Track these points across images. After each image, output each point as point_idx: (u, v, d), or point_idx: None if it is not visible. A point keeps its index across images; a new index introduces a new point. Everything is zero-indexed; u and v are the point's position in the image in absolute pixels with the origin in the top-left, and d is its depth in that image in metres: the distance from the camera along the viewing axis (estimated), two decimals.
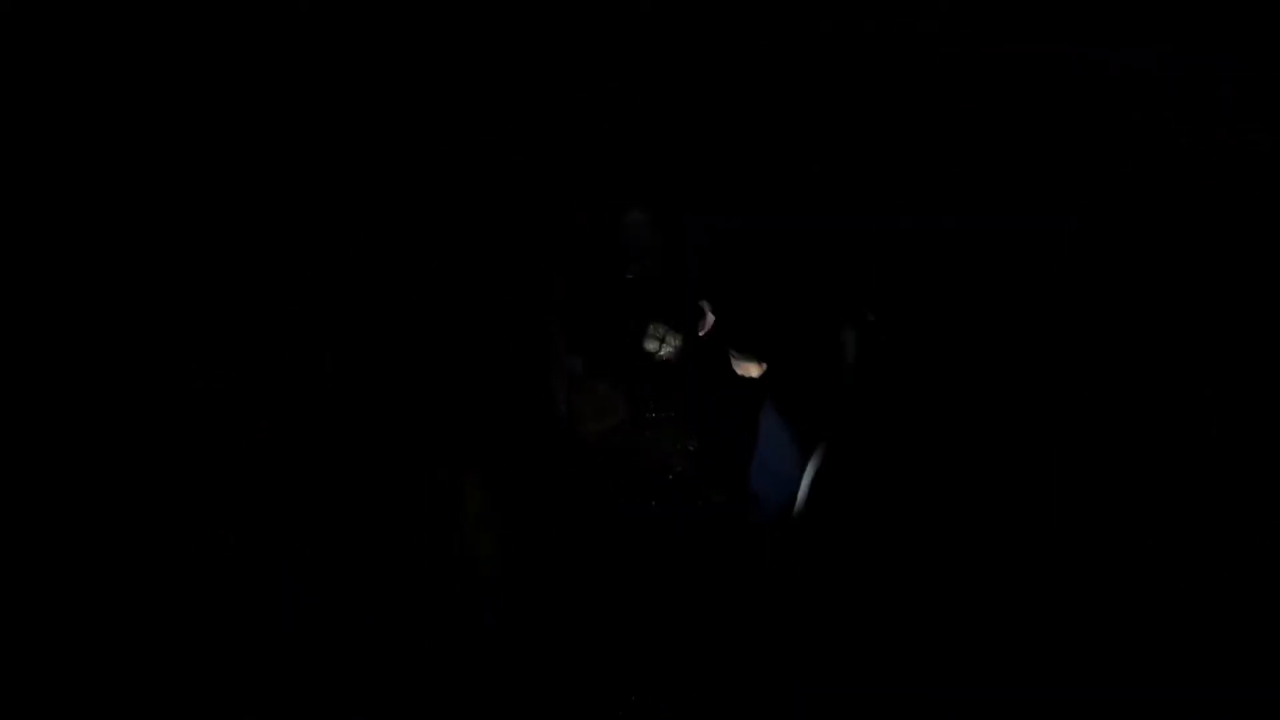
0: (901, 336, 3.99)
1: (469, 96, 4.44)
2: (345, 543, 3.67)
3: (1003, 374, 3.94)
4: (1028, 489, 3.69)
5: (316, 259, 4.17)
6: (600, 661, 3.61)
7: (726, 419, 4.17)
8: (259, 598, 3.56)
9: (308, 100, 4.28)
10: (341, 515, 3.74)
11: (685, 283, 4.44)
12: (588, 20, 4.43)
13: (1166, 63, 4.10)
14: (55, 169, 3.87)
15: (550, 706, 3.49)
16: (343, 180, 4.27)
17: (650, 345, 4.26)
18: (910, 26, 4.34)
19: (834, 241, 4.34)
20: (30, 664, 3.21)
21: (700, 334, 4.21)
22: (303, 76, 4.27)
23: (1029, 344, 4.03)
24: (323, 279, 4.11)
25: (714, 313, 4.22)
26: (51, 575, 3.40)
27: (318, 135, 4.28)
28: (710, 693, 3.52)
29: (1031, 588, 3.51)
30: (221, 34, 4.15)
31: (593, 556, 3.90)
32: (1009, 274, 4.18)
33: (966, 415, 3.88)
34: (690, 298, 4.35)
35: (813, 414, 3.64)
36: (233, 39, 4.18)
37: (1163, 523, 3.57)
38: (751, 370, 3.74)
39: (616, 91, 4.47)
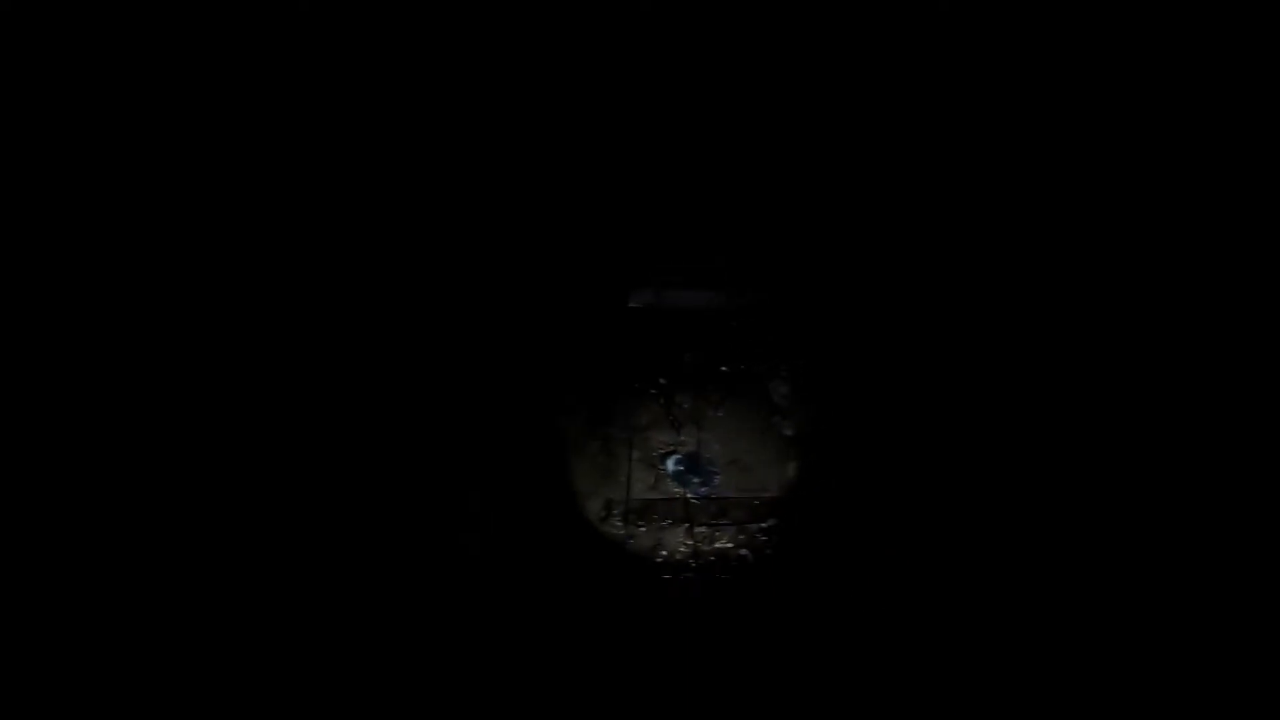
0: (900, 336, 3.98)
1: (469, 98, 4.42)
2: (345, 543, 3.65)
3: (1002, 374, 3.94)
4: (1027, 488, 3.69)
5: (316, 258, 4.15)
6: (600, 662, 3.60)
7: None
8: (259, 597, 3.54)
9: (308, 101, 4.25)
10: (341, 515, 3.72)
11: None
12: (587, 21, 4.41)
13: None
14: (56, 169, 3.84)
15: (550, 706, 3.48)
16: (343, 180, 4.25)
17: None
18: None
19: None
20: (31, 663, 3.19)
21: None
22: (303, 76, 4.24)
23: (1028, 344, 4.02)
24: (323, 278, 4.09)
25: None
26: (53, 574, 3.38)
27: (318, 136, 4.25)
28: (712, 692, 3.51)
29: (1031, 587, 3.51)
30: (222, 34, 4.13)
31: (591, 556, 3.87)
32: (1009, 274, 4.17)
33: (968, 415, 3.88)
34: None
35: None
36: (233, 39, 4.15)
37: (1162, 522, 3.57)
38: None
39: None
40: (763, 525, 3.50)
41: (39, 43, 3.76)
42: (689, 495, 3.49)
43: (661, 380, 3.67)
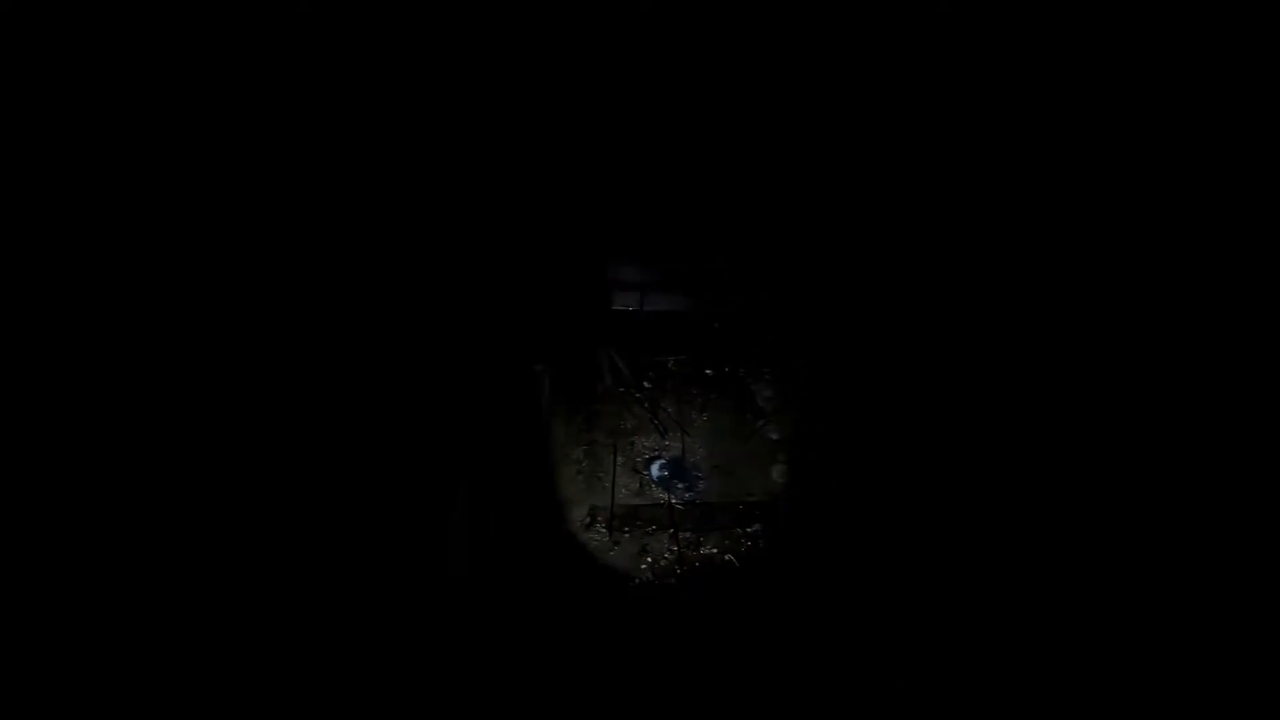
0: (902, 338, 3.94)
1: (466, 98, 4.42)
2: (344, 543, 3.69)
3: (986, 377, 3.89)
4: (1014, 490, 3.66)
5: (316, 258, 4.18)
6: (585, 668, 3.62)
7: None
8: (259, 597, 3.59)
9: (308, 101, 4.28)
10: (341, 515, 3.76)
11: None
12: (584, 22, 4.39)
13: None
14: (56, 169, 3.91)
15: (535, 711, 3.51)
16: (334, 184, 4.28)
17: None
18: None
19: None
20: (31, 663, 3.27)
21: None
22: (303, 76, 4.27)
23: (1012, 347, 3.98)
24: (307, 287, 4.11)
25: None
26: (53, 575, 3.45)
27: (310, 138, 4.28)
28: (697, 696, 3.52)
29: (1019, 590, 3.49)
30: (222, 34, 4.16)
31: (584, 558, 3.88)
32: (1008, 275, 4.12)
33: (953, 417, 3.84)
34: None
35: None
36: (233, 38, 4.18)
37: (1161, 522, 3.53)
38: None
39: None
40: (748, 530, 3.49)
41: (39, 43, 3.82)
42: (674, 501, 3.45)
43: (646, 384, 3.66)
